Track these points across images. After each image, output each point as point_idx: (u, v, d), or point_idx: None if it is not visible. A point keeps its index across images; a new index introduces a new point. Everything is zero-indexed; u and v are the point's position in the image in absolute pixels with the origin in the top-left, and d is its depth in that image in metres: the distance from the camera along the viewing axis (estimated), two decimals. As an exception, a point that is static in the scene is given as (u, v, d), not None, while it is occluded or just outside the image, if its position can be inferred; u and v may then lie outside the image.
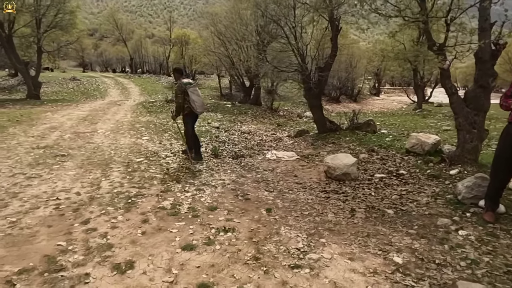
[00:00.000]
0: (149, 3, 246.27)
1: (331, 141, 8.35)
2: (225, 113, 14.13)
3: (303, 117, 15.27)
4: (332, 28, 8.63)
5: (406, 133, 9.60)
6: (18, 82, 26.07)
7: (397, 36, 18.24)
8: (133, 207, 4.02)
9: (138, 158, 6.25)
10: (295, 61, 9.36)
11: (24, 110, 12.59)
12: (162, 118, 11.53)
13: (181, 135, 6.60)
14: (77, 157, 6.14)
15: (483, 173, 4.36)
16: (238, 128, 10.96)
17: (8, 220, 3.57)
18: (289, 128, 11.87)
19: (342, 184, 5.10)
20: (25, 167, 5.39)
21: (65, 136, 7.92)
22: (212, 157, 6.64)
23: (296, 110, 19.03)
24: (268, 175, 5.63)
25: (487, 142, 7.45)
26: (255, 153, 7.29)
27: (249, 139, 9.05)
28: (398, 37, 18.00)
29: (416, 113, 16.97)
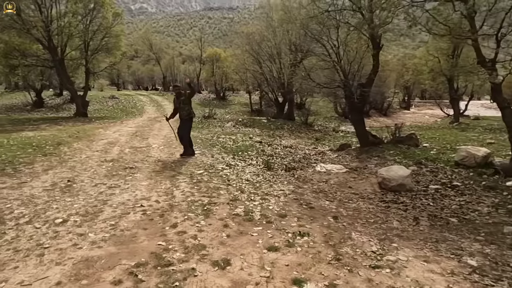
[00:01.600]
0: (176, 23, 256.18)
1: (375, 154, 8.55)
2: (263, 128, 14.60)
3: (338, 132, 15.48)
4: (374, 46, 8.96)
5: (449, 147, 9.63)
6: (63, 101, 27.90)
7: (430, 50, 18.37)
8: (210, 214, 4.43)
9: (198, 170, 6.73)
10: (336, 77, 9.74)
11: (77, 127, 13.59)
12: (205, 134, 12.12)
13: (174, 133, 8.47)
14: (143, 169, 6.70)
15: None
16: (278, 142, 11.35)
17: (108, 223, 4.07)
18: (328, 142, 12.13)
19: (398, 195, 5.32)
20: (103, 178, 5.97)
21: (125, 150, 8.59)
22: (266, 170, 7.03)
23: (330, 124, 19.25)
24: (324, 186, 5.93)
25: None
26: (304, 166, 7.62)
27: (293, 153, 9.39)
28: (431, 51, 18.10)
29: (454, 127, 16.75)
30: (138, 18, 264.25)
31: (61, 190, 5.22)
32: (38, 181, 5.67)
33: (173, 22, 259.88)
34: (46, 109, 24.73)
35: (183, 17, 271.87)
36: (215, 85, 36.88)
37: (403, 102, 41.76)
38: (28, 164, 6.82)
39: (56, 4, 16.84)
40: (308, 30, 9.21)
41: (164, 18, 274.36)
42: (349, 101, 9.10)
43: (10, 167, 6.48)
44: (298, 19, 8.89)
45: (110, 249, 3.45)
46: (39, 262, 3.16)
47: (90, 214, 4.33)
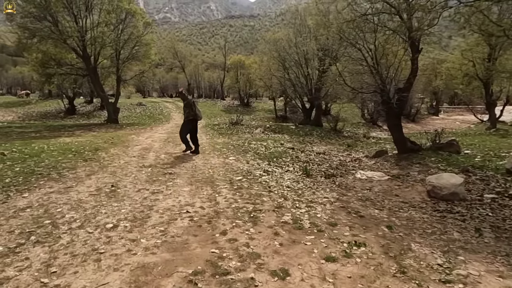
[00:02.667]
0: (198, 32, 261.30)
1: (416, 161, 8.23)
2: (292, 135, 14.45)
3: (370, 138, 15.12)
4: (413, 49, 8.69)
5: (492, 154, 9.16)
6: (93, 108, 28.82)
7: (465, 54, 17.73)
8: (258, 221, 4.33)
9: (236, 176, 6.67)
10: (371, 82, 9.50)
11: (111, 133, 13.92)
12: (236, 140, 12.11)
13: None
14: (182, 175, 6.70)
15: None
16: (310, 148, 11.17)
17: (157, 229, 4.04)
18: (361, 148, 11.84)
19: (451, 204, 5.04)
20: (145, 184, 6.00)
21: (161, 156, 8.66)
22: (305, 176, 6.88)
23: (358, 130, 18.87)
24: (369, 194, 5.72)
25: None
26: (343, 173, 7.42)
27: (328, 159, 9.20)
28: (466, 55, 17.48)
29: (492, 133, 16.01)
30: (162, 28, 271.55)
31: (107, 195, 5.27)
32: (83, 186, 5.77)
33: (196, 30, 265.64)
34: (78, 116, 25.64)
35: (205, 26, 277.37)
36: (239, 92, 37.15)
37: (431, 108, 40.55)
38: (71, 169, 6.98)
39: (90, 14, 17.47)
40: (343, 34, 9.04)
41: (186, 27, 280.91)
42: (386, 106, 8.83)
43: (54, 172, 6.64)
44: (334, 23, 8.72)
45: (165, 255, 3.40)
46: (97, 267, 3.15)
47: (139, 219, 4.32)
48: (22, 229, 3.94)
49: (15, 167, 6.94)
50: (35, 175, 6.39)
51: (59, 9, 15.92)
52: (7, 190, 5.39)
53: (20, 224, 4.09)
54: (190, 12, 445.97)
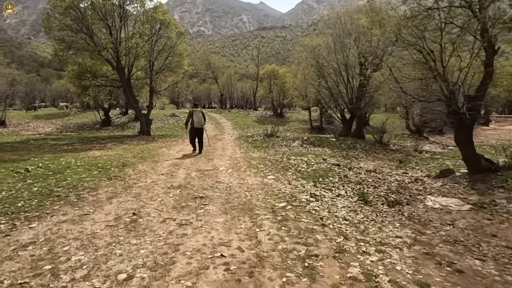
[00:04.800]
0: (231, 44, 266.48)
1: (497, 184, 6.71)
2: (333, 148, 13.16)
3: (422, 152, 13.47)
4: (488, 50, 7.25)
5: None
6: (128, 120, 28.99)
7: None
8: (316, 275, 3.20)
9: (279, 202, 5.57)
10: (434, 89, 8.12)
11: (142, 146, 13.35)
12: (273, 154, 11.04)
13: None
14: (215, 199, 5.71)
15: None
16: (357, 165, 9.85)
17: (183, 284, 3.02)
18: (416, 165, 10.34)
19: None
20: (171, 211, 5.06)
21: (192, 174, 7.75)
22: (362, 204, 5.65)
23: (405, 143, 17.15)
24: (454, 232, 4.40)
25: None
26: (408, 199, 6.09)
27: (383, 179, 7.86)
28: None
29: None
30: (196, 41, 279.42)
31: (126, 227, 4.35)
32: (101, 213, 4.91)
33: (228, 42, 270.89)
34: (113, 127, 25.77)
35: (238, 38, 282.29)
36: (272, 102, 36.23)
37: (480, 117, 37.37)
38: (92, 189, 6.20)
39: (125, 26, 17.31)
40: (400, 34, 7.80)
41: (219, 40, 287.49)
42: (455, 117, 7.41)
43: (73, 194, 5.89)
44: (392, 21, 7.49)
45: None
46: None
47: (160, 266, 3.34)
48: (14, 280, 3.07)
49: (34, 187, 6.29)
50: (52, 197, 5.66)
51: (95, 21, 15.85)
52: (15, 218, 4.64)
53: (14, 271, 3.23)
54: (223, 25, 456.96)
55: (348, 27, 16.50)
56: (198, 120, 10.90)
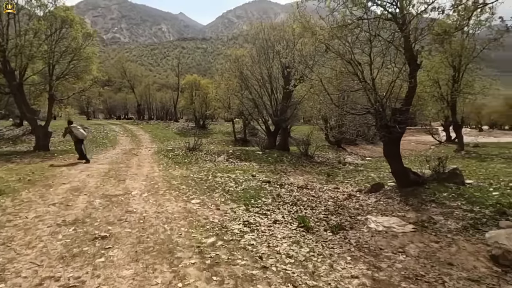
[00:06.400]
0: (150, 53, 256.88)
1: (427, 198, 6.65)
2: (261, 162, 12.53)
3: (346, 164, 13.65)
4: (410, 64, 7.31)
5: (503, 185, 7.95)
6: (23, 132, 24.76)
7: (430, 75, 17.37)
8: None
9: (207, 237, 4.49)
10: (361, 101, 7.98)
11: (34, 164, 10.93)
12: (197, 172, 9.88)
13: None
14: (123, 239, 4.38)
15: None
16: (287, 181, 9.29)
17: None
18: (344, 179, 10.20)
19: (543, 281, 3.34)
20: (56, 264, 3.61)
21: (95, 202, 6.19)
22: (304, 232, 4.89)
23: (327, 155, 17.49)
24: (410, 263, 3.86)
25: None
26: (349, 221, 5.55)
27: (317, 197, 7.34)
28: (431, 76, 17.11)
29: (464, 156, 15.41)
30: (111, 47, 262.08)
31: (-28, 303, 2.83)
32: None
33: (147, 51, 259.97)
34: (2, 142, 21.55)
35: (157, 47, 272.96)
36: (194, 113, 34.80)
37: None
38: None
39: (16, 21, 14.48)
40: (328, 44, 7.49)
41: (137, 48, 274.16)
42: (385, 130, 7.28)
43: None
44: (326, 27, 7.09)
45: None
46: None
47: None
48: None
49: None
50: None
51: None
52: None
53: None
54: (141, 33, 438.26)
55: (271, 39, 16.30)
56: (81, 133, 12.10)
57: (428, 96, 17.67)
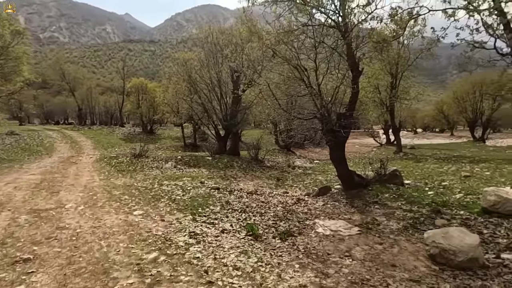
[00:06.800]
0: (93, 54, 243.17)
1: (371, 200, 6.90)
2: (210, 168, 12.25)
3: (295, 168, 13.86)
4: (354, 70, 7.58)
5: (436, 184, 8.53)
6: None
7: (371, 82, 18.38)
8: None
9: (148, 252, 4.16)
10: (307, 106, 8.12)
11: (-51, 177, 9.60)
12: (142, 180, 9.35)
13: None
14: (50, 260, 3.89)
15: None
16: (237, 187, 9.15)
17: None
18: (293, 183, 10.30)
19: (475, 276, 3.54)
20: (-37, 297, 3.08)
21: (20, 218, 5.51)
22: (252, 240, 4.74)
23: (277, 159, 17.66)
24: (356, 267, 3.88)
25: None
26: (297, 226, 5.52)
27: (266, 203, 7.27)
28: (372, 82, 18.08)
29: (403, 157, 16.48)
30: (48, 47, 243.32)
31: None
32: None
33: (89, 53, 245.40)
34: None
35: (101, 48, 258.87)
36: (141, 118, 33.37)
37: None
38: None
39: None
40: (275, 49, 7.51)
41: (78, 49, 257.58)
42: (330, 134, 7.44)
43: None
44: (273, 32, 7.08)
45: None
46: None
47: None
48: None
49: None
50: None
51: None
52: None
53: None
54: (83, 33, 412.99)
55: (220, 43, 16.13)
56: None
57: (370, 101, 18.69)
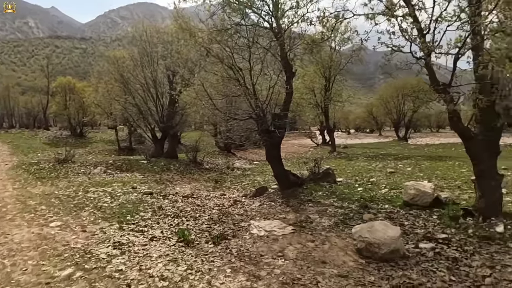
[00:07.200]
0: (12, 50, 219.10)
1: (305, 198, 7.05)
2: (145, 172, 11.61)
3: (234, 169, 13.76)
4: (287, 71, 7.71)
5: (364, 181, 9.03)
6: None
7: (307, 84, 19.07)
8: None
9: (62, 269, 3.70)
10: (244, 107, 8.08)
11: None
12: (64, 188, 8.50)
13: None
14: None
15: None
16: (172, 191, 8.76)
17: None
18: (232, 184, 10.17)
19: (396, 267, 3.72)
20: None
21: None
22: (183, 247, 4.49)
23: (217, 161, 17.42)
24: (288, 267, 3.86)
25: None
26: (232, 228, 5.39)
27: (202, 206, 7.04)
28: (307, 85, 18.77)
29: (337, 156, 17.33)
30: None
31: None
32: None
33: (8, 48, 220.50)
34: None
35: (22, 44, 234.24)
36: (69, 120, 30.70)
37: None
38: None
39: None
40: (210, 49, 7.33)
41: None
42: (266, 135, 7.46)
43: None
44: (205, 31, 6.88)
45: None
46: None
47: None
48: None
49: None
50: None
51: None
52: None
53: None
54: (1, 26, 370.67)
55: (155, 41, 15.44)
56: None
57: (306, 103, 19.38)
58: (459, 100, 5.06)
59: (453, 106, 4.86)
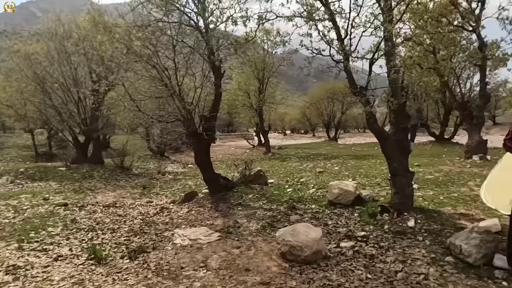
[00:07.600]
0: None
1: (235, 202, 6.90)
2: (62, 180, 10.49)
3: (165, 174, 13.14)
4: (215, 72, 7.49)
5: (295, 181, 9.20)
6: None
7: (241, 86, 19.11)
8: None
9: None
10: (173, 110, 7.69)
11: None
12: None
13: None
14: None
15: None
16: (93, 200, 8.02)
17: None
18: (161, 190, 9.66)
19: (318, 269, 3.72)
20: None
21: None
22: (93, 265, 4.01)
23: (148, 165, 16.54)
24: (209, 279, 3.63)
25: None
26: (153, 239, 5.00)
27: (124, 215, 6.50)
28: (242, 87, 18.81)
29: (271, 157, 17.58)
30: None
31: None
32: None
33: None
34: None
35: None
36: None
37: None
38: None
39: None
40: (130, 46, 6.80)
41: None
42: (195, 138, 7.16)
43: None
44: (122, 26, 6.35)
45: None
46: None
47: None
48: None
49: None
50: None
51: None
52: None
53: None
54: None
55: (75, 37, 14.11)
56: None
57: (240, 104, 19.38)
58: (375, 103, 5.33)
59: (369, 108, 5.10)
